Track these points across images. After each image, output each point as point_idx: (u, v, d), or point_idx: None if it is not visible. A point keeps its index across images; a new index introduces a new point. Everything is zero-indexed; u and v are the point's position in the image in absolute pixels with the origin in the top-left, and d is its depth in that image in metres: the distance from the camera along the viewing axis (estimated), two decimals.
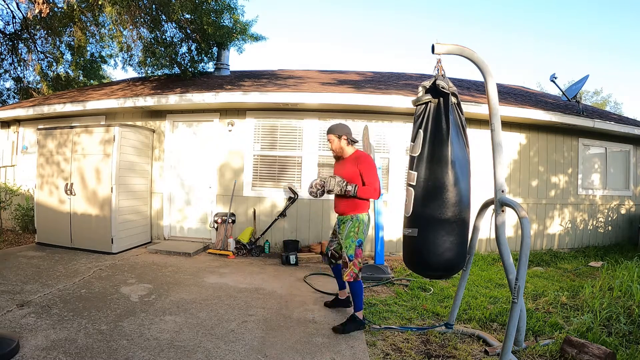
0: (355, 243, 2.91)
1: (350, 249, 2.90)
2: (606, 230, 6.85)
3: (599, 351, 2.27)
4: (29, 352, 2.31)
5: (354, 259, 2.88)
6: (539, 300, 3.58)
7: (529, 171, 6.29)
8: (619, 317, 2.98)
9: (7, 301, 3.15)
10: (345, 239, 2.94)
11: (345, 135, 3.06)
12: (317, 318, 3.12)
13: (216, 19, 7.58)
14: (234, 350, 2.49)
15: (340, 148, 3.08)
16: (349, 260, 2.88)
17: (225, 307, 3.30)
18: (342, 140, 3.07)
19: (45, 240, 5.48)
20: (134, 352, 2.40)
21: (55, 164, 5.44)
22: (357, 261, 2.89)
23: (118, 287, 3.72)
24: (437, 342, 2.66)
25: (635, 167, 7.18)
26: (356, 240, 2.91)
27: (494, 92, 2.43)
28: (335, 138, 3.07)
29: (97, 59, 11.63)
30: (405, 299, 3.61)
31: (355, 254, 2.89)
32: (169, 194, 6.23)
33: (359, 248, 2.92)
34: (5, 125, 7.32)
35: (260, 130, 6.03)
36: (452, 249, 2.42)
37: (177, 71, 7.98)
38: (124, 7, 6.24)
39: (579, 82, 7.31)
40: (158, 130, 6.28)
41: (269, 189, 5.96)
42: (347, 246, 2.92)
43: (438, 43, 2.39)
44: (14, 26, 9.15)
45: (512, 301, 2.18)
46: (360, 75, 8.51)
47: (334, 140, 3.08)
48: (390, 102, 5.48)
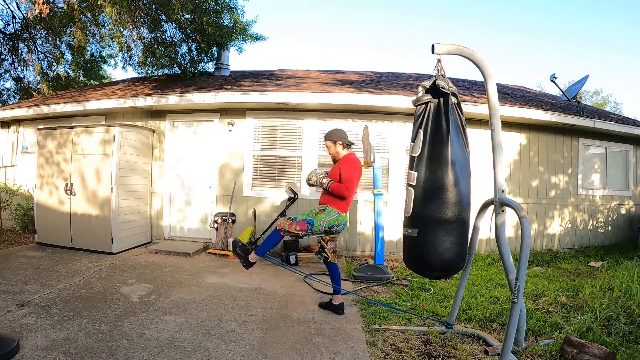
0: (307, 217, 3.04)
1: (302, 216, 3.07)
2: (606, 230, 6.85)
3: (599, 351, 2.27)
4: (29, 352, 2.31)
5: (296, 223, 3.02)
6: (539, 300, 3.58)
7: (529, 171, 6.29)
8: (619, 317, 2.98)
9: (7, 301, 3.15)
10: (303, 213, 3.13)
11: (341, 140, 3.23)
12: (317, 318, 3.12)
13: (216, 19, 7.58)
14: (234, 350, 2.49)
15: (336, 153, 3.27)
16: (293, 221, 3.03)
17: (225, 307, 3.30)
18: (337, 146, 3.25)
19: (45, 240, 5.48)
20: (134, 352, 2.40)
21: (55, 164, 5.44)
22: (294, 226, 3.00)
23: (118, 287, 3.72)
24: (437, 342, 2.66)
25: (635, 167, 7.18)
26: (309, 218, 3.04)
27: (494, 92, 2.43)
28: (332, 144, 3.26)
29: (97, 59, 11.64)
30: (405, 299, 3.61)
31: (298, 222, 3.02)
32: (169, 194, 6.22)
33: (305, 223, 3.02)
34: (5, 125, 7.32)
35: (260, 130, 6.03)
36: (452, 249, 2.42)
37: (177, 71, 7.98)
38: (124, 7, 6.24)
39: (579, 82, 7.30)
40: (158, 130, 6.28)
41: (269, 189, 5.96)
42: (301, 214, 3.10)
43: (438, 43, 2.39)
44: (14, 26, 9.14)
45: (512, 301, 2.18)
46: (360, 75, 8.51)
47: (331, 146, 3.28)
48: (390, 102, 5.48)
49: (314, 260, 5.22)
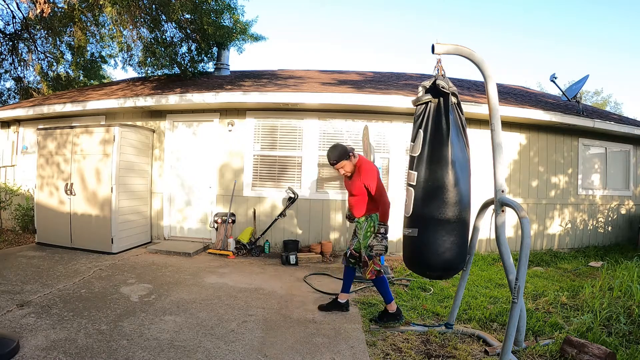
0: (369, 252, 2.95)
1: (366, 251, 2.97)
2: (606, 230, 6.85)
3: (599, 351, 2.27)
4: (29, 352, 2.31)
5: (374, 257, 2.94)
6: (539, 300, 3.58)
7: (529, 171, 6.29)
8: (619, 317, 2.98)
9: (7, 301, 3.15)
10: (364, 239, 3.00)
11: (349, 153, 3.03)
12: (317, 318, 3.12)
13: (216, 19, 7.58)
14: (234, 350, 2.49)
15: (352, 167, 3.06)
16: (368, 259, 2.95)
17: (225, 307, 3.30)
18: (351, 159, 3.04)
19: (45, 240, 5.48)
20: (134, 352, 2.40)
21: (55, 164, 5.44)
22: (377, 259, 2.96)
23: (118, 287, 3.72)
24: (437, 342, 2.66)
25: (635, 167, 7.18)
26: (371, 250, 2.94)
27: (494, 92, 2.43)
28: (346, 162, 3.02)
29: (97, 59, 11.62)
30: (406, 299, 3.61)
31: (373, 261, 2.96)
32: (169, 194, 6.22)
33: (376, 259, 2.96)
34: (5, 125, 7.32)
35: (260, 130, 6.03)
36: (452, 249, 2.42)
37: (177, 71, 7.98)
38: (124, 7, 6.24)
39: (579, 82, 7.30)
40: (158, 130, 6.28)
41: (269, 189, 5.96)
42: (365, 246, 2.97)
43: (438, 43, 2.39)
44: (14, 26, 9.16)
45: (512, 301, 2.18)
46: (360, 75, 8.51)
47: (346, 165, 3.02)
48: (390, 102, 5.48)
49: (314, 260, 5.23)
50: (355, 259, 3.11)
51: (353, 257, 3.12)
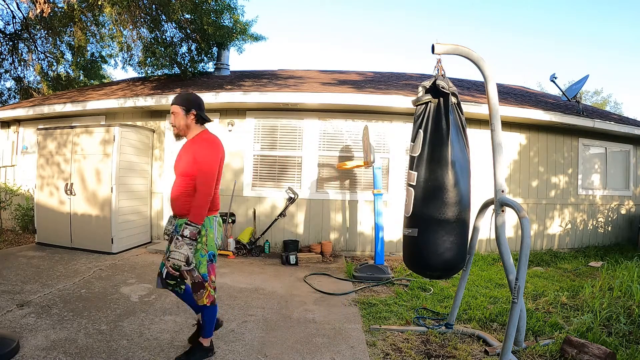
0: (206, 257, 2.20)
1: (202, 266, 2.18)
2: (606, 230, 6.85)
3: (599, 351, 2.27)
4: (29, 352, 2.31)
5: (209, 278, 2.21)
6: (539, 300, 3.58)
7: (529, 171, 6.29)
8: (619, 317, 2.98)
9: (7, 301, 3.15)
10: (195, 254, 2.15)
11: (195, 109, 2.24)
12: (317, 318, 3.12)
13: (216, 19, 7.59)
14: (234, 350, 2.49)
15: (185, 126, 2.25)
16: (204, 280, 2.18)
17: (225, 307, 3.29)
18: (189, 116, 2.23)
19: (45, 240, 5.47)
20: (134, 352, 2.40)
21: (55, 164, 5.43)
22: (211, 280, 2.23)
23: (118, 287, 3.72)
24: (437, 342, 2.66)
25: (635, 167, 7.18)
26: (206, 254, 2.20)
27: (494, 92, 2.43)
28: (181, 111, 2.22)
29: (97, 59, 11.62)
30: (405, 299, 3.61)
31: (209, 271, 2.21)
32: (169, 194, 6.21)
33: (211, 263, 2.23)
34: (5, 125, 7.32)
35: (260, 130, 6.03)
36: (452, 249, 2.42)
37: (177, 71, 7.99)
38: (124, 7, 6.25)
39: (579, 82, 7.31)
40: (158, 130, 6.28)
41: (269, 189, 5.96)
42: (197, 263, 2.17)
43: (438, 43, 2.39)
44: (14, 26, 9.16)
45: (512, 301, 2.18)
46: (360, 75, 8.52)
47: (179, 114, 2.22)
48: (391, 102, 5.48)
49: (314, 260, 5.23)
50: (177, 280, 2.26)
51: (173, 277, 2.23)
